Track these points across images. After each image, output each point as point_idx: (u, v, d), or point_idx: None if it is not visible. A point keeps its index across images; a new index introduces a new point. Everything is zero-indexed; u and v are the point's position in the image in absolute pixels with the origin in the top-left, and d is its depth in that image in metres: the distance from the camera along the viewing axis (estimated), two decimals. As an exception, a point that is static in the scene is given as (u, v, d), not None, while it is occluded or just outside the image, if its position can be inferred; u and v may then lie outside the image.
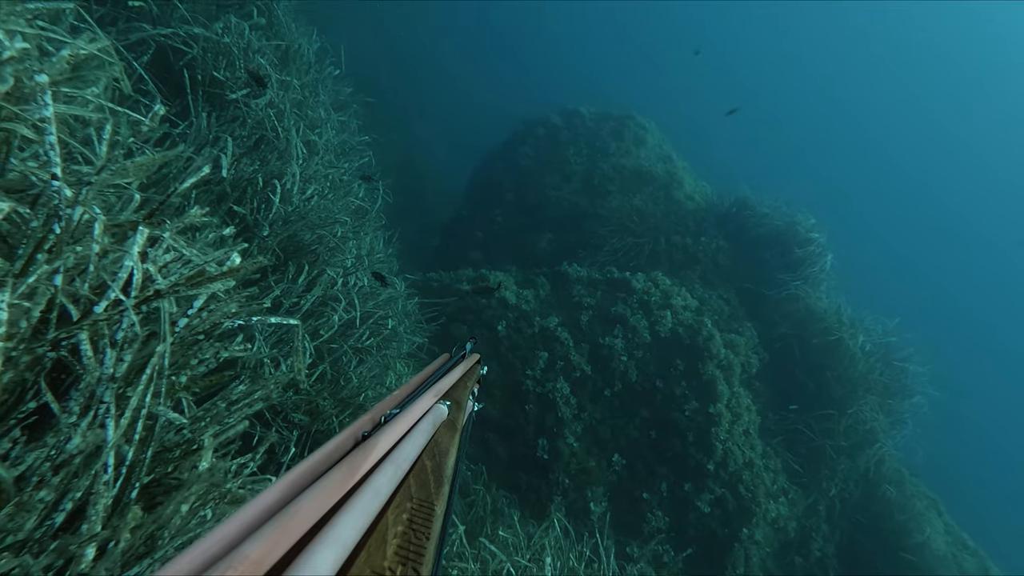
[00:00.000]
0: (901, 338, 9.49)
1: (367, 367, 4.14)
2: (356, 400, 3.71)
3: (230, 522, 0.47)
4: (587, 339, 7.69)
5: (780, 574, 7.42)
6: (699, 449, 7.32)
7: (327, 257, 4.02)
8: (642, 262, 9.43)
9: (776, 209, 10.40)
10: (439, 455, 0.83)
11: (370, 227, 5.91)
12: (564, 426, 7.07)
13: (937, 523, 9.03)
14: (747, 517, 7.14)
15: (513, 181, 11.44)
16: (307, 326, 3.56)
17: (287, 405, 3.24)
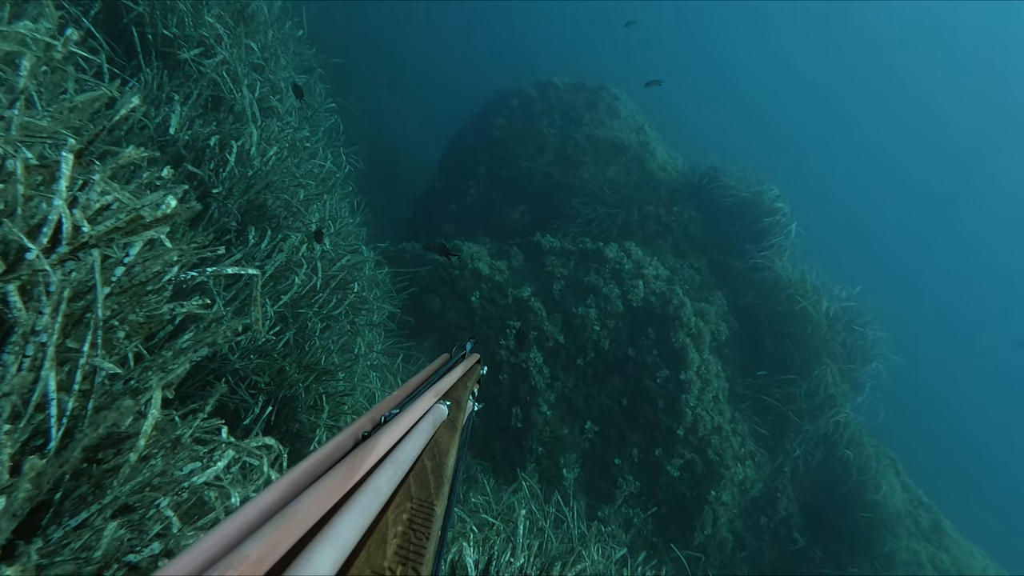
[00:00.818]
0: (861, 304, 9.72)
1: (334, 333, 4.12)
2: (321, 366, 3.69)
3: (230, 522, 0.47)
4: (560, 309, 7.74)
5: (746, 534, 7.65)
6: (669, 415, 7.46)
7: (290, 222, 3.96)
8: (615, 233, 9.46)
9: (743, 180, 10.49)
10: (439, 455, 0.83)
11: (336, 193, 5.83)
12: (538, 395, 7.14)
13: (895, 482, 9.37)
14: (715, 480, 7.32)
15: (486, 153, 11.35)
16: (270, 290, 3.52)
17: (250, 370, 3.21)
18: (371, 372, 5.17)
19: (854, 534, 8.03)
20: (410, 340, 6.79)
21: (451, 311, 7.41)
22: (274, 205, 3.96)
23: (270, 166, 4.09)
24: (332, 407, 3.77)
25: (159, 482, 1.26)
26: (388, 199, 11.82)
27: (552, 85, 12.27)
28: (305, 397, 3.57)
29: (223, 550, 0.42)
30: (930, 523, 10.02)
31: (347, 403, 4.13)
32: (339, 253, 4.76)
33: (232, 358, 3.13)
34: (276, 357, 3.39)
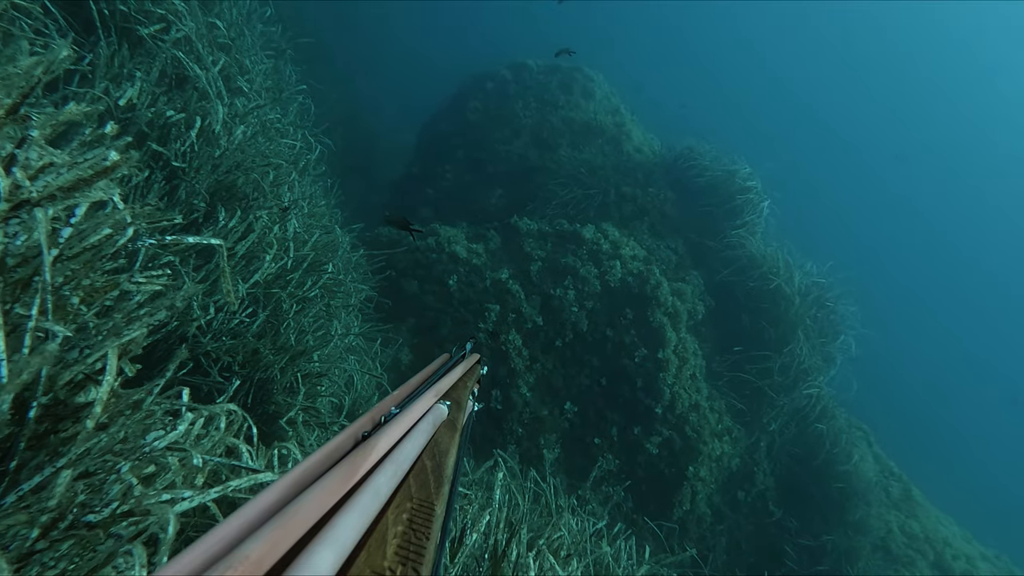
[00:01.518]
0: (831, 279, 9.89)
1: (309, 315, 4.09)
2: (297, 347, 3.67)
3: (230, 522, 0.47)
4: (538, 291, 7.75)
5: (724, 508, 7.79)
6: (648, 394, 7.54)
7: (261, 202, 3.90)
8: (592, 214, 9.49)
9: (717, 159, 10.57)
10: (439, 455, 0.83)
11: (308, 174, 5.76)
12: (517, 377, 7.17)
13: (866, 452, 9.62)
14: (693, 456, 7.43)
15: (462, 137, 11.28)
16: (241, 271, 3.48)
17: (223, 352, 3.18)
18: (349, 355, 5.15)
19: (828, 504, 8.23)
20: (388, 323, 6.77)
21: (429, 294, 7.39)
22: (244, 185, 3.90)
23: (237, 145, 4.03)
24: (308, 388, 3.75)
25: (120, 448, 1.25)
26: (365, 184, 11.72)
27: (527, 67, 12.20)
28: (281, 379, 3.54)
29: (223, 550, 0.43)
30: (900, 492, 10.32)
31: (324, 385, 4.11)
32: (312, 234, 4.72)
33: (203, 340, 3.09)
34: (249, 339, 3.36)
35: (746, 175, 10.26)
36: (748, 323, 9.04)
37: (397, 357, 6.74)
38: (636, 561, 4.56)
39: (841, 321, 9.65)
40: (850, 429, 9.52)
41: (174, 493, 1.28)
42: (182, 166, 3.34)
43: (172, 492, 1.29)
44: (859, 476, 8.53)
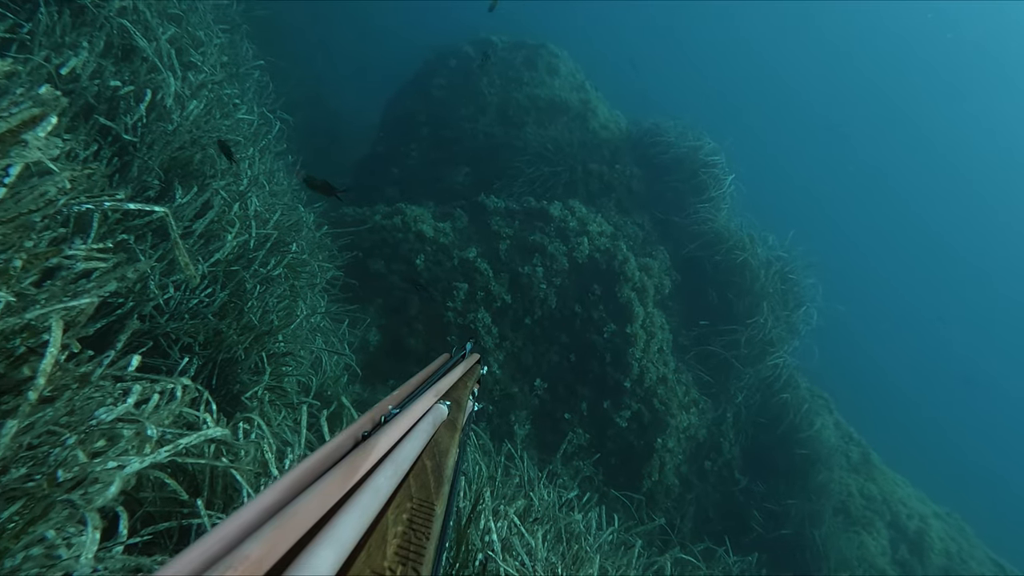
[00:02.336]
0: (793, 251, 10.12)
1: (273, 295, 4.00)
2: (261, 327, 3.59)
3: (230, 522, 0.47)
4: (507, 269, 7.74)
5: (692, 477, 7.97)
6: (617, 368, 7.63)
7: (218, 179, 3.78)
8: (559, 191, 9.48)
9: (682, 135, 10.65)
10: (439, 455, 0.83)
11: (269, 152, 5.61)
12: (487, 355, 7.17)
13: (827, 419, 9.95)
14: (661, 428, 7.56)
15: (427, 114, 11.11)
16: (200, 250, 3.38)
17: (183, 332, 3.09)
18: (315, 335, 5.07)
19: (792, 470, 8.49)
20: (355, 304, 6.68)
21: (395, 274, 7.31)
22: (201, 162, 3.77)
23: (192, 120, 3.89)
24: (274, 368, 3.69)
25: (67, 420, 1.20)
26: (328, 164, 11.48)
27: (491, 43, 12.05)
28: (245, 359, 3.47)
29: (223, 550, 0.43)
30: (860, 456, 10.72)
31: (290, 365, 4.05)
32: (274, 212, 4.61)
33: (161, 320, 3.00)
34: (210, 318, 3.27)
35: (710, 150, 10.37)
36: (715, 297, 9.19)
37: (365, 338, 6.68)
38: (606, 529, 4.63)
39: (804, 292, 9.89)
40: (812, 397, 9.82)
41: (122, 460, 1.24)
42: (133, 140, 3.20)
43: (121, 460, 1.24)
44: (821, 442, 8.82)
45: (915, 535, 10.63)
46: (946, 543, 11.24)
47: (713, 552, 6.86)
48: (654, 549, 5.89)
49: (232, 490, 1.95)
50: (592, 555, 3.66)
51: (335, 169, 11.62)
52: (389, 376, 6.68)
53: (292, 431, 3.00)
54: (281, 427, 3.12)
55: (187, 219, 3.35)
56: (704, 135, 10.72)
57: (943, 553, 10.89)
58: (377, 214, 7.91)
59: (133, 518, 1.48)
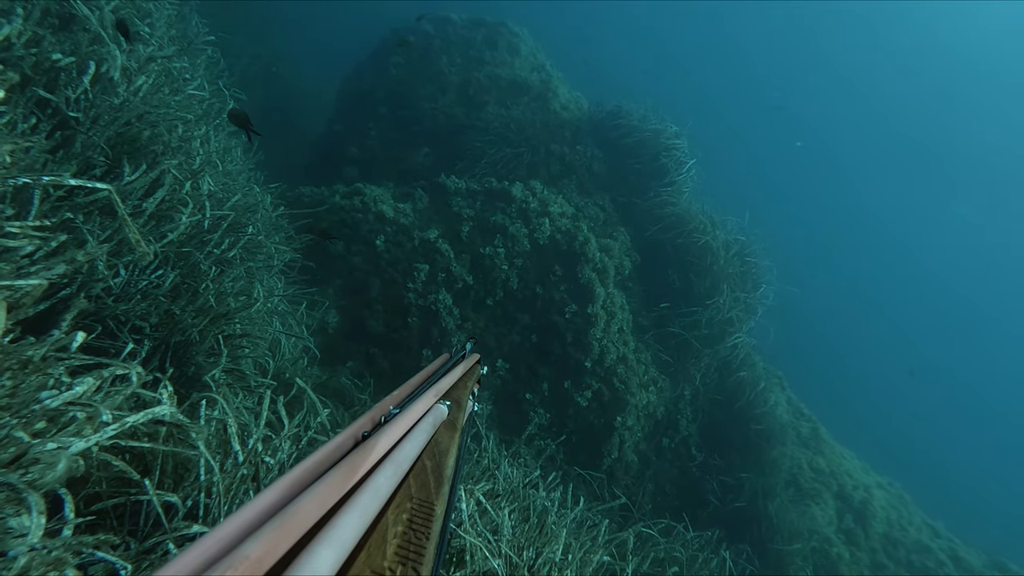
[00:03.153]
0: (751, 234, 10.36)
1: (229, 277, 3.89)
2: (217, 309, 3.49)
3: (230, 522, 0.47)
4: (468, 250, 7.71)
5: (650, 454, 8.16)
6: (577, 349, 7.71)
7: (168, 157, 3.64)
8: (521, 173, 9.45)
9: (645, 119, 10.71)
10: (439, 455, 0.83)
11: (222, 130, 5.43)
12: (449, 336, 7.15)
13: (780, 397, 10.30)
14: (621, 407, 7.69)
15: (386, 93, 10.90)
16: (151, 231, 3.25)
17: (134, 315, 2.99)
18: (272, 318, 4.97)
19: (746, 445, 8.77)
20: (313, 286, 6.57)
21: (355, 255, 7.20)
22: (150, 140, 3.62)
23: (141, 96, 3.72)
24: (231, 350, 3.60)
25: (7, 403, 1.15)
26: (285, 144, 11.19)
27: (450, 21, 11.86)
28: (201, 341, 3.37)
29: (223, 550, 0.43)
30: (810, 432, 11.16)
31: (247, 346, 3.96)
32: (228, 192, 4.47)
33: (109, 301, 2.89)
34: (162, 300, 3.16)
35: (672, 134, 10.47)
36: (676, 278, 9.35)
37: (324, 320, 6.58)
38: (569, 507, 4.71)
39: (761, 274, 10.15)
40: (767, 376, 10.13)
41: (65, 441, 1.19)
42: (75, 115, 3.05)
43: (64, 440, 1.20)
44: (774, 418, 9.12)
45: (860, 505, 11.16)
46: (887, 511, 11.87)
47: (673, 528, 7.06)
48: (614, 525, 6.02)
49: (183, 469, 1.92)
50: (558, 531, 3.72)
51: (292, 148, 11.34)
52: (348, 358, 6.62)
53: (250, 412, 2.95)
54: (240, 409, 3.06)
55: (136, 197, 3.22)
56: (666, 119, 10.81)
57: (885, 521, 11.50)
58: (336, 194, 7.76)
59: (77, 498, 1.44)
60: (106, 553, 1.33)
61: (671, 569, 5.15)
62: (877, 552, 10.87)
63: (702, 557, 6.31)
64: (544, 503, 4.08)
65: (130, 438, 1.80)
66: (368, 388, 6.27)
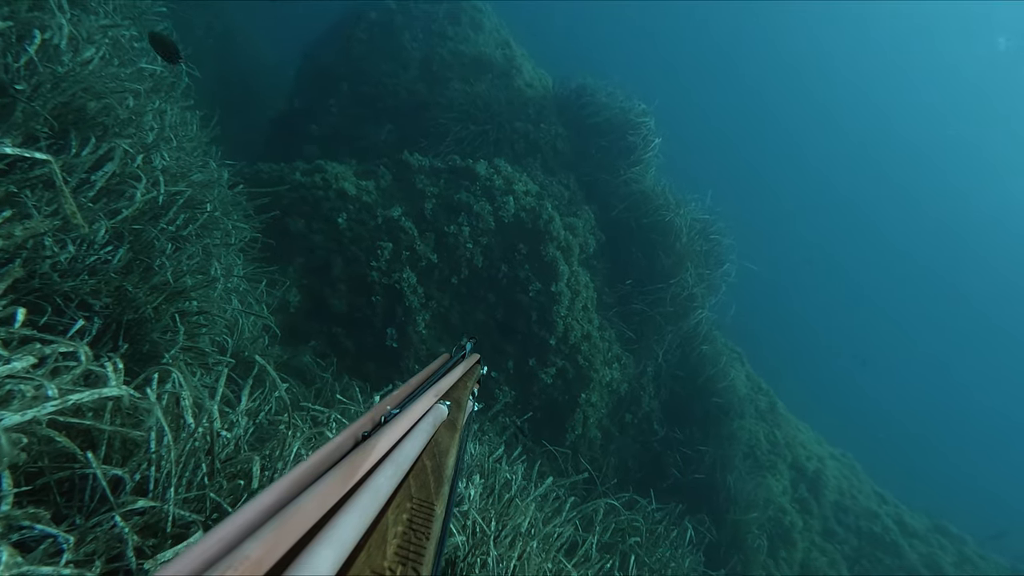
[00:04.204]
0: (714, 213, 10.52)
1: (185, 254, 3.79)
2: (173, 286, 3.40)
3: (230, 522, 0.47)
4: (432, 228, 7.65)
5: (613, 430, 8.30)
6: (542, 326, 7.75)
7: (119, 130, 3.51)
8: (486, 150, 9.39)
9: (612, 96, 10.71)
10: (439, 455, 0.83)
11: (176, 104, 5.24)
12: (413, 314, 7.12)
13: (740, 372, 10.60)
14: (585, 383, 7.79)
15: (347, 69, 10.66)
16: (103, 207, 3.14)
17: (84, 292, 2.89)
18: (231, 296, 4.86)
19: (706, 419, 8.99)
20: (273, 264, 6.44)
21: (317, 233, 7.08)
22: (98, 112, 3.47)
23: (91, 69, 3.56)
24: (188, 328, 3.51)
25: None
26: (242, 119, 10.89)
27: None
28: (156, 319, 3.28)
29: (223, 550, 0.43)
30: (767, 405, 11.51)
31: (205, 324, 3.87)
32: (183, 167, 4.33)
33: (55, 277, 2.78)
34: (113, 277, 3.06)
35: (640, 112, 10.50)
36: (640, 256, 9.44)
37: (285, 298, 6.47)
38: (534, 481, 4.77)
39: (724, 252, 10.33)
40: (727, 351, 10.38)
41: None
42: (23, 89, 2.91)
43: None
44: (733, 393, 9.37)
45: (813, 475, 11.61)
46: (839, 481, 12.40)
47: (636, 501, 7.22)
48: (577, 499, 6.13)
49: (133, 444, 1.87)
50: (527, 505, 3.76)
51: (250, 123, 11.05)
52: (311, 337, 6.54)
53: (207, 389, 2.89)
54: (197, 387, 3.00)
55: (83, 171, 3.09)
56: (633, 97, 10.82)
57: (836, 490, 12.01)
58: (296, 171, 7.59)
59: (16, 473, 1.40)
60: (46, 526, 1.30)
61: (632, 538, 5.28)
62: (828, 519, 11.36)
63: (662, 527, 6.48)
64: (507, 475, 4.13)
65: (75, 415, 1.75)
66: (331, 367, 6.21)
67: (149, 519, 1.65)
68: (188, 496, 1.86)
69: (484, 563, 2.71)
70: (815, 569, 10.07)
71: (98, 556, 1.42)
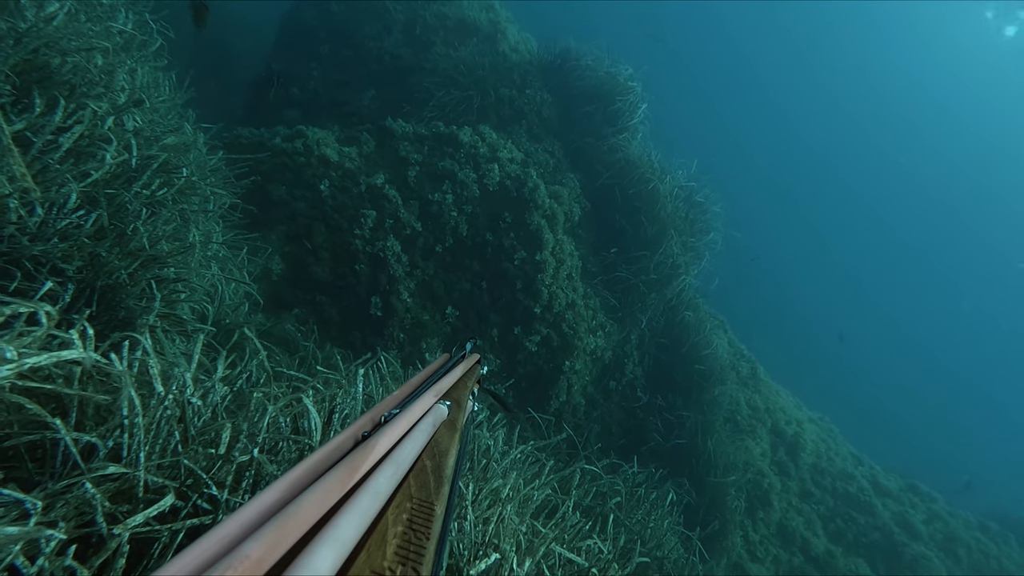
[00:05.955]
0: (699, 181, 10.48)
1: (161, 219, 3.71)
2: (149, 252, 3.33)
3: (230, 522, 0.47)
4: (416, 196, 7.57)
5: (597, 397, 8.39)
6: (527, 295, 7.76)
7: (87, 90, 3.39)
8: (471, 117, 9.25)
9: (598, 60, 10.54)
10: (439, 455, 0.83)
11: (147, 64, 5.08)
12: (397, 283, 7.08)
13: (722, 339, 10.73)
14: (569, 351, 7.84)
15: (328, 31, 10.39)
16: (73, 169, 3.05)
17: (55, 256, 2.82)
18: (211, 263, 4.79)
19: (688, 385, 9.11)
20: (255, 231, 6.35)
21: (299, 200, 6.98)
22: (64, 70, 3.34)
23: (55, 24, 3.43)
24: (166, 295, 3.46)
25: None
26: (220, 82, 10.62)
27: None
28: (131, 284, 3.23)
29: (223, 550, 0.43)
30: (748, 371, 11.69)
31: (183, 291, 3.82)
32: (157, 131, 4.22)
33: (24, 240, 2.71)
34: (86, 242, 2.99)
35: (627, 76, 10.36)
36: (625, 224, 9.41)
37: (267, 266, 6.40)
38: (515, 445, 4.82)
39: (710, 220, 10.33)
40: (710, 319, 10.48)
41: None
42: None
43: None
44: (715, 360, 9.48)
45: (792, 439, 11.88)
46: (816, 444, 12.72)
47: (618, 466, 7.34)
48: (560, 464, 6.21)
49: (106, 411, 1.85)
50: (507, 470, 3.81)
51: (228, 86, 10.78)
52: (294, 306, 6.50)
53: (186, 356, 2.86)
54: (176, 354, 2.96)
55: (49, 131, 2.99)
56: (620, 61, 10.66)
57: (814, 452, 12.33)
58: (277, 137, 7.45)
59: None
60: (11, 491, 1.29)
61: (613, 500, 5.37)
62: (806, 481, 11.68)
63: (642, 490, 6.61)
64: (488, 442, 4.16)
65: (46, 380, 1.72)
66: (313, 336, 6.18)
67: (121, 485, 1.64)
68: (163, 463, 1.85)
69: (460, 527, 2.75)
70: (792, 529, 10.38)
71: (67, 520, 1.41)
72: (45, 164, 2.79)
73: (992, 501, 18.54)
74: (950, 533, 13.27)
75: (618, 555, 4.09)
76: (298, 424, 2.37)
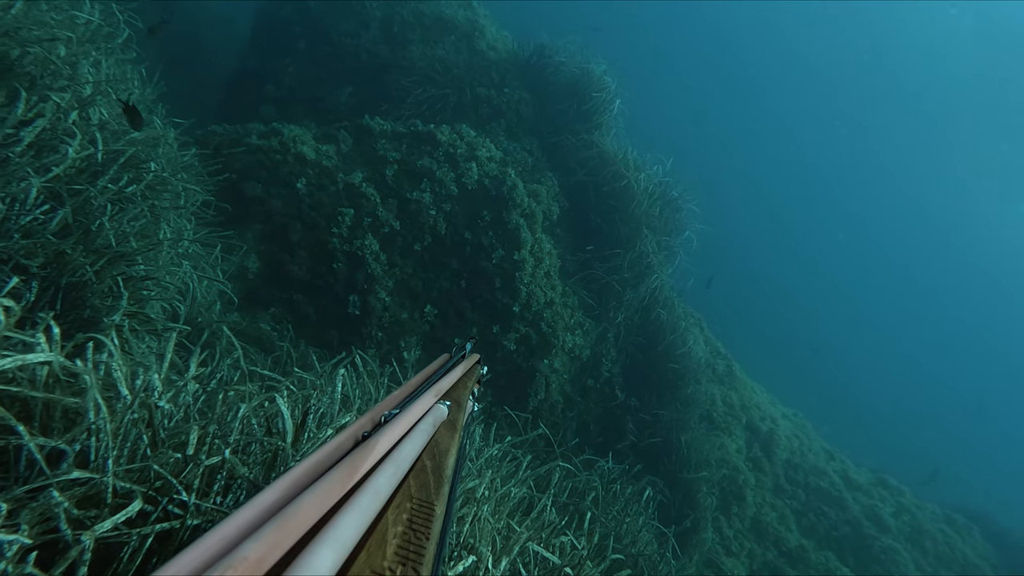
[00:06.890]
0: (675, 177, 10.55)
1: (129, 216, 3.63)
2: (116, 248, 3.26)
3: (230, 522, 0.47)
4: (394, 194, 7.52)
5: (575, 395, 8.42)
6: (506, 293, 7.75)
7: (50, 82, 3.30)
8: (449, 115, 9.21)
9: (571, 57, 10.56)
10: (439, 455, 0.83)
11: (113, 56, 4.97)
12: (375, 282, 7.03)
13: (699, 337, 10.83)
14: (548, 350, 7.85)
15: (305, 27, 10.26)
16: (31, 162, 2.96)
17: (17, 252, 2.74)
18: (183, 260, 4.71)
19: (664, 383, 9.18)
20: (229, 229, 6.25)
21: (275, 198, 6.88)
22: (23, 60, 3.25)
23: (13, 13, 3.33)
24: (133, 293, 3.39)
25: None
26: (192, 76, 10.43)
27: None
28: (97, 282, 3.15)
29: (223, 550, 0.43)
30: (725, 369, 11.83)
31: (153, 289, 3.74)
32: (124, 125, 4.12)
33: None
34: (50, 239, 2.91)
35: (601, 72, 10.39)
36: (600, 221, 9.45)
37: (243, 264, 6.31)
38: (491, 443, 4.81)
39: (684, 218, 10.40)
40: (686, 317, 10.57)
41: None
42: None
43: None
44: (691, 358, 9.56)
45: (766, 435, 12.06)
46: (791, 440, 12.95)
47: (595, 462, 7.36)
48: (537, 461, 6.22)
49: (75, 414, 1.81)
50: (483, 468, 3.79)
51: (200, 81, 10.60)
52: (270, 305, 6.41)
53: (157, 358, 2.80)
54: (145, 353, 2.90)
55: (9, 125, 2.90)
56: (593, 58, 10.70)
57: (788, 448, 12.55)
58: (252, 134, 7.34)
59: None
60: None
61: (589, 496, 5.40)
62: (779, 476, 11.88)
63: (617, 486, 6.65)
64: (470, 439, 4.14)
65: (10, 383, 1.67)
66: (288, 335, 6.11)
67: (89, 490, 1.60)
68: (132, 467, 1.80)
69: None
70: (766, 524, 10.55)
71: (32, 525, 1.37)
72: (5, 157, 2.71)
73: (960, 494, 19.06)
74: (917, 526, 13.61)
75: (593, 552, 4.11)
76: (271, 425, 2.34)
